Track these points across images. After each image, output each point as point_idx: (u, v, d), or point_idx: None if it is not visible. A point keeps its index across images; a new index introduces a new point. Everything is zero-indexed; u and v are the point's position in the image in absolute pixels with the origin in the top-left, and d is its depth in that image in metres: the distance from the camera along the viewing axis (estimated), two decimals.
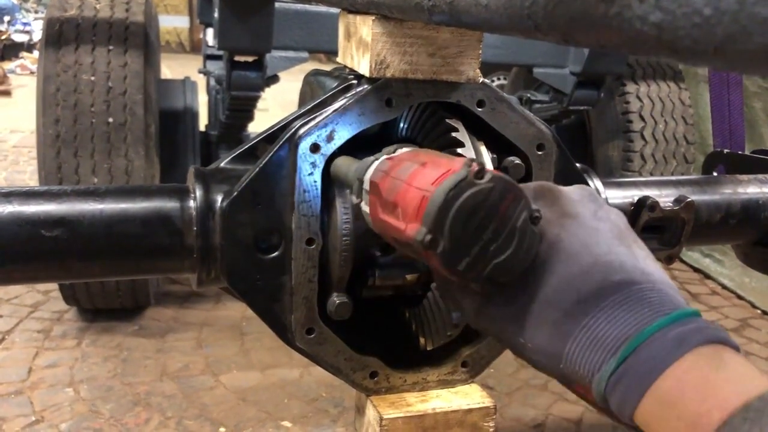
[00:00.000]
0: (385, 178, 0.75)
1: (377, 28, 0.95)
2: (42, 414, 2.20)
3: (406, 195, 0.69)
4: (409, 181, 0.69)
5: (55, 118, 2.26)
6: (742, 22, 0.34)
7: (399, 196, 0.70)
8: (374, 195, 0.77)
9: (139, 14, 2.48)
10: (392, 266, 1.08)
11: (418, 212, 0.65)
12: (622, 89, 2.93)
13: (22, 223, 0.93)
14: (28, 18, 12.49)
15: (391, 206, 0.71)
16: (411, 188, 0.68)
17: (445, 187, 0.63)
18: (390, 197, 0.72)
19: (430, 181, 0.65)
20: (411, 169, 0.71)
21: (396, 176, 0.73)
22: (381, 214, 0.74)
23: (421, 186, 0.66)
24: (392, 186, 0.72)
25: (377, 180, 0.77)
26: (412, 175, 0.69)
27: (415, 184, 0.68)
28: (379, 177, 0.76)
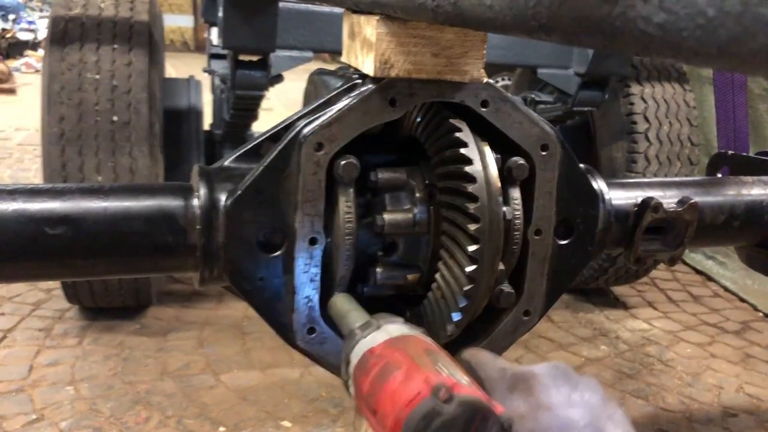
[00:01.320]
0: (365, 378, 0.79)
1: (381, 28, 0.95)
2: (42, 412, 2.20)
3: (383, 407, 0.74)
4: (385, 392, 0.74)
5: (60, 116, 2.26)
6: (745, 23, 0.34)
7: (378, 405, 0.75)
8: (357, 387, 0.82)
9: (144, 13, 2.48)
10: (393, 266, 1.08)
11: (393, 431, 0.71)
12: (627, 90, 2.92)
13: (26, 221, 0.94)
14: (33, 16, 12.52)
15: (371, 407, 0.77)
16: (386, 401, 0.74)
17: (417, 414, 0.68)
18: (370, 401, 0.77)
19: (404, 401, 0.71)
20: (387, 377, 0.76)
21: (376, 380, 0.77)
22: (363, 407, 0.79)
23: (396, 405, 0.72)
24: (372, 390, 0.77)
25: (359, 377, 0.81)
26: (389, 388, 0.74)
27: (390, 399, 0.73)
28: (361, 374, 0.81)
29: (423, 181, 1.08)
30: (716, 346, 3.00)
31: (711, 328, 3.16)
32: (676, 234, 1.28)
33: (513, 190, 1.09)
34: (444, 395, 0.68)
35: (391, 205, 1.07)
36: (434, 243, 1.07)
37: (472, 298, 1.02)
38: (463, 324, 1.06)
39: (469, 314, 1.05)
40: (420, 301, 1.11)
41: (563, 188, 1.12)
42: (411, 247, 1.08)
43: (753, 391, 2.66)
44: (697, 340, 3.03)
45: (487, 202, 1.00)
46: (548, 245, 1.13)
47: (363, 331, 0.86)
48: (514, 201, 1.08)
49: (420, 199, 1.07)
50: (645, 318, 3.23)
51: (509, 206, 1.08)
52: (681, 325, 3.18)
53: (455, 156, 1.01)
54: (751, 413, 2.50)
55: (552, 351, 2.87)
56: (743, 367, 2.83)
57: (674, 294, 3.51)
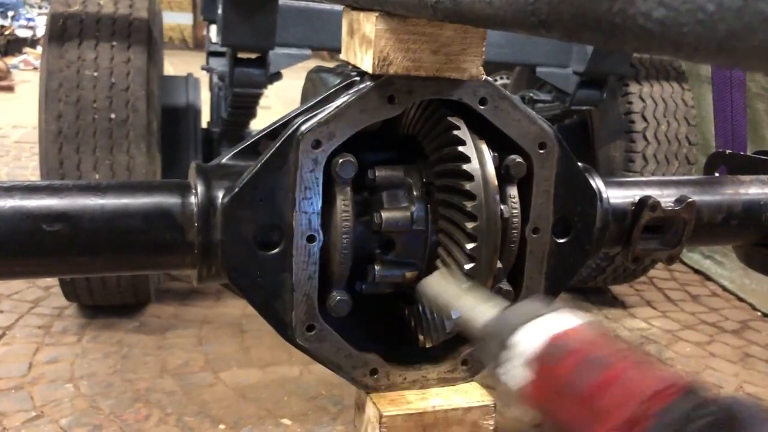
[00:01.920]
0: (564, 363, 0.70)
1: (381, 25, 0.95)
2: (42, 409, 2.20)
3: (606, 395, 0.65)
4: (609, 380, 0.66)
5: (58, 113, 2.26)
6: (745, 18, 0.34)
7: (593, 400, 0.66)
8: (543, 375, 0.72)
9: (143, 10, 2.47)
10: (391, 264, 1.08)
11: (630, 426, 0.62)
12: (625, 89, 2.92)
13: (24, 218, 0.93)
14: (32, 13, 12.51)
15: (572, 398, 0.68)
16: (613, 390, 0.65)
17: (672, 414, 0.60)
18: (575, 393, 0.68)
19: (644, 392, 0.63)
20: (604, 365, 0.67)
21: (584, 370, 0.68)
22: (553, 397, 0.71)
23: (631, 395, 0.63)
24: (579, 381, 0.68)
25: (551, 363, 0.71)
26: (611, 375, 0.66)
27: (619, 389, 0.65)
28: (553, 360, 0.71)
29: (420, 179, 1.08)
30: (715, 345, 3.00)
31: (710, 327, 3.17)
32: (673, 233, 1.28)
33: (510, 188, 1.09)
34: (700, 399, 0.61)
35: (388, 203, 1.07)
36: (432, 241, 1.07)
37: None
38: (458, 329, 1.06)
39: None
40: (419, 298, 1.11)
41: (561, 187, 1.12)
42: (409, 244, 1.08)
43: (752, 389, 2.66)
44: (696, 339, 3.04)
45: (485, 200, 1.00)
46: (546, 244, 1.13)
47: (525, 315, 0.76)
48: (511, 199, 1.08)
49: (417, 197, 1.07)
50: (644, 317, 3.23)
51: (506, 204, 1.08)
52: (680, 324, 3.18)
53: (453, 154, 1.01)
54: None
55: None
56: (742, 366, 2.83)
57: (673, 293, 3.51)
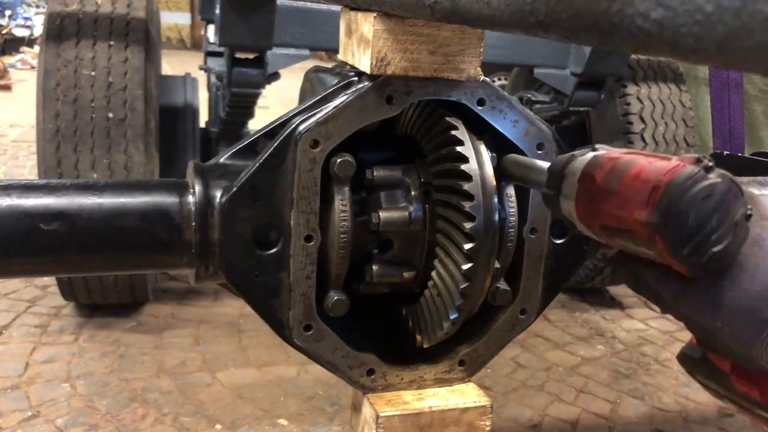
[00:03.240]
0: (602, 171, 0.80)
1: (378, 25, 0.95)
2: (38, 409, 2.20)
3: (632, 184, 0.75)
4: (636, 173, 0.75)
5: (55, 112, 2.26)
6: (744, 19, 0.34)
7: (622, 186, 0.76)
8: (586, 186, 0.81)
9: (141, 10, 2.47)
10: (389, 264, 1.08)
11: (651, 198, 0.72)
12: (623, 91, 2.93)
13: (21, 216, 0.93)
14: (30, 12, 12.48)
15: (609, 195, 0.77)
16: (638, 179, 0.74)
17: (681, 176, 0.70)
18: (610, 187, 0.77)
19: (662, 172, 0.72)
20: (634, 163, 0.77)
21: (617, 168, 0.78)
22: (595, 203, 0.80)
23: (650, 177, 0.73)
24: (612, 177, 0.78)
25: (593, 171, 0.81)
26: (639, 168, 0.75)
27: (644, 176, 0.74)
28: (595, 169, 0.81)
29: (419, 179, 1.08)
30: None
31: None
32: None
33: (508, 189, 1.09)
34: (706, 164, 0.70)
35: (386, 203, 1.07)
36: (430, 241, 1.07)
37: (468, 296, 1.02)
38: (460, 322, 1.06)
39: (466, 312, 1.05)
40: (416, 299, 1.11)
41: None
42: (407, 245, 1.08)
43: None
44: None
45: (483, 200, 1.00)
46: (544, 244, 1.13)
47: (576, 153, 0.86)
48: (509, 199, 1.09)
49: (416, 197, 1.07)
50: (641, 318, 3.23)
51: (504, 204, 1.08)
52: (677, 325, 3.18)
53: (451, 154, 1.01)
54: None
55: (548, 350, 2.87)
56: None
57: None
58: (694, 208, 0.69)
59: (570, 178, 0.84)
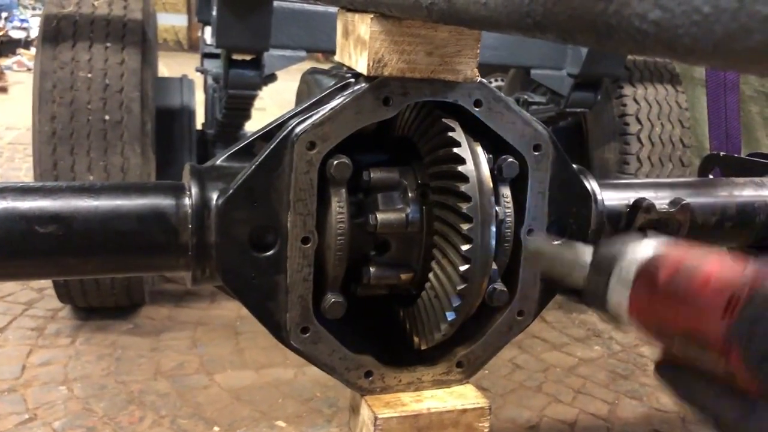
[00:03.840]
0: (665, 271, 0.76)
1: (375, 27, 0.95)
2: (35, 412, 2.19)
3: (704, 291, 0.71)
4: (707, 279, 0.72)
5: (52, 115, 2.25)
6: (741, 20, 0.34)
7: (692, 291, 0.72)
8: (646, 283, 0.78)
9: (137, 12, 2.47)
10: (386, 266, 1.08)
11: (729, 307, 0.68)
12: (619, 92, 2.93)
13: (17, 219, 0.93)
14: (26, 14, 12.48)
15: (675, 299, 0.74)
16: (710, 286, 0.71)
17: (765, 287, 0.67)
18: (676, 290, 0.74)
19: (740, 281, 0.69)
20: (703, 267, 0.74)
21: (683, 270, 0.75)
22: (656, 306, 0.77)
23: (725, 285, 0.70)
24: (678, 280, 0.74)
25: (654, 269, 0.77)
26: (710, 273, 0.72)
27: (717, 283, 0.71)
28: (657, 267, 0.77)
29: (416, 180, 1.08)
30: None
31: None
32: (668, 235, 1.28)
33: (504, 189, 1.09)
34: None
35: (383, 205, 1.07)
36: (427, 242, 1.07)
37: (465, 297, 1.02)
38: (458, 323, 1.06)
39: (463, 313, 1.05)
40: (413, 300, 1.11)
41: (556, 188, 1.12)
42: (404, 246, 1.08)
43: None
44: None
45: (480, 201, 1.00)
46: None
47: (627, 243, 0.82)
48: (505, 199, 1.08)
49: (413, 199, 1.07)
50: None
51: (500, 205, 1.08)
52: None
53: (448, 155, 1.01)
54: None
55: (546, 351, 2.87)
56: None
57: None
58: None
59: (623, 270, 0.80)
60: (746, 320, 0.67)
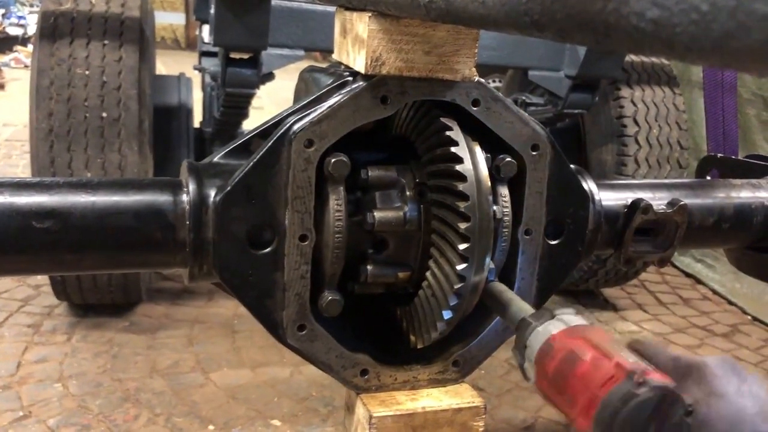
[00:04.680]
0: (552, 362, 0.85)
1: (373, 25, 0.95)
2: (30, 409, 2.19)
3: (574, 388, 0.80)
4: (576, 375, 0.80)
5: (49, 111, 2.25)
6: (739, 18, 0.34)
7: (568, 386, 0.81)
8: (540, 370, 0.87)
9: (135, 9, 2.46)
10: (384, 264, 1.08)
11: (586, 411, 0.77)
12: (617, 93, 2.93)
13: (13, 214, 0.93)
14: (23, 11, 12.44)
15: (558, 388, 0.83)
16: (580, 383, 0.80)
17: (614, 395, 0.75)
18: (558, 381, 0.83)
19: (598, 383, 0.77)
20: (576, 360, 0.82)
21: (563, 364, 0.83)
22: (547, 390, 0.86)
23: (589, 385, 0.78)
24: (560, 372, 0.83)
25: (544, 360, 0.87)
26: (581, 370, 0.80)
27: (585, 381, 0.79)
28: (546, 358, 0.87)
29: (413, 179, 1.08)
30: (705, 348, 3.01)
31: (700, 331, 3.18)
32: (665, 235, 1.28)
33: (502, 188, 1.09)
34: (638, 379, 0.74)
35: (381, 203, 1.07)
36: (425, 241, 1.07)
37: (462, 296, 1.02)
38: (454, 322, 1.06)
39: (460, 312, 1.05)
40: (410, 299, 1.11)
41: (553, 188, 1.12)
42: (401, 245, 1.08)
43: None
44: (686, 343, 3.05)
45: (477, 200, 1.00)
46: (538, 245, 1.13)
47: (538, 320, 0.90)
48: (502, 199, 1.09)
49: (410, 198, 1.07)
50: (635, 320, 3.24)
51: (498, 205, 1.08)
52: (670, 327, 3.19)
53: (446, 155, 1.01)
54: None
55: None
56: None
57: (664, 296, 3.53)
58: (628, 425, 0.73)
59: (529, 352, 0.89)
60: (598, 424, 0.75)
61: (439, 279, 1.04)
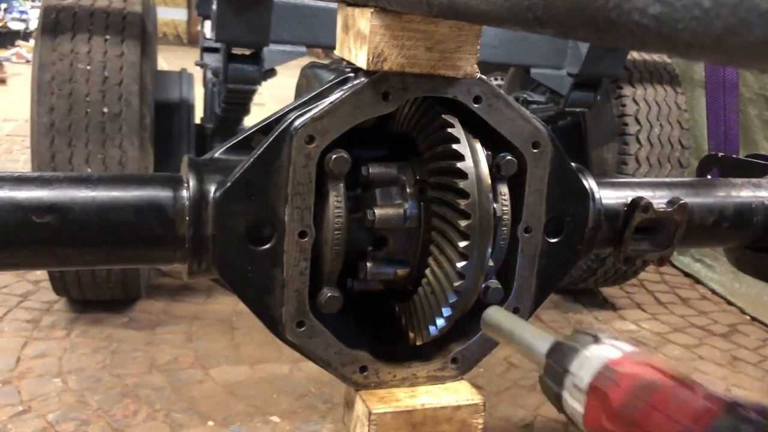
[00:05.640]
0: (617, 390, 0.74)
1: (375, 21, 0.95)
2: (29, 404, 2.19)
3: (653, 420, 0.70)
4: (656, 406, 0.71)
5: (50, 106, 2.25)
6: (741, 14, 0.34)
7: (642, 419, 0.71)
8: (598, 400, 0.76)
9: (137, 4, 2.46)
10: (383, 261, 1.08)
11: None
12: (619, 92, 2.93)
13: (13, 209, 0.93)
14: (25, 6, 12.44)
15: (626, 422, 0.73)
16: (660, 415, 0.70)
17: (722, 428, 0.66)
18: (626, 413, 0.73)
19: (692, 416, 0.68)
20: (652, 390, 0.72)
21: (633, 392, 0.73)
22: (608, 424, 0.75)
23: (676, 418, 0.69)
24: (630, 403, 0.73)
25: (605, 388, 0.76)
26: (659, 400, 0.71)
27: (666, 412, 0.70)
28: (607, 385, 0.76)
29: (414, 176, 1.08)
30: (704, 348, 3.01)
31: (699, 331, 3.18)
32: (665, 234, 1.28)
33: (502, 187, 1.09)
34: (743, 414, 0.67)
35: (381, 200, 1.07)
36: (424, 238, 1.07)
37: (461, 293, 1.02)
38: (453, 320, 1.06)
39: (459, 310, 1.05)
40: (410, 296, 1.11)
41: (554, 186, 1.12)
42: (401, 242, 1.08)
43: (740, 393, 2.67)
44: (685, 342, 3.05)
45: (478, 198, 1.00)
46: (538, 243, 1.13)
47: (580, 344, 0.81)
48: (502, 197, 1.08)
49: (411, 195, 1.06)
50: (633, 319, 3.24)
51: (498, 202, 1.08)
52: (669, 327, 3.19)
53: (447, 152, 1.01)
54: None
55: None
56: (730, 370, 2.84)
57: (662, 296, 3.52)
58: None
59: (575, 379, 0.78)
60: None
61: (438, 276, 1.04)
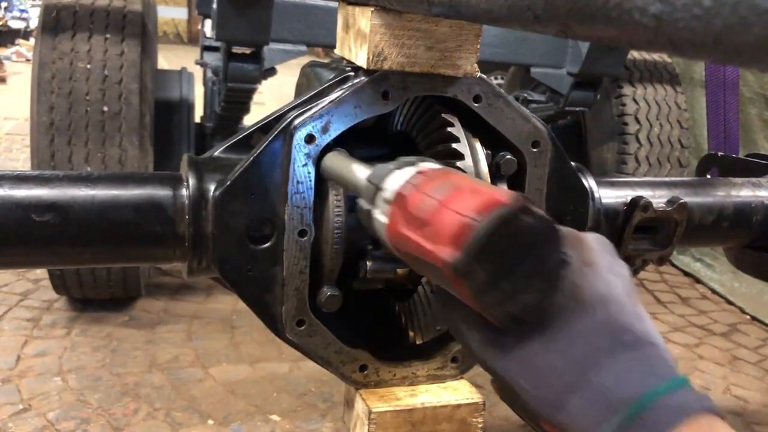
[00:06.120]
0: (416, 194, 0.71)
1: (376, 20, 0.95)
2: (30, 402, 2.19)
3: (440, 216, 0.66)
4: (446, 203, 0.66)
5: (50, 105, 2.25)
6: (741, 13, 0.34)
7: (432, 216, 0.67)
8: (398, 207, 0.73)
9: (137, 3, 2.46)
10: (383, 259, 1.08)
11: (457, 237, 0.63)
12: (619, 91, 2.93)
13: (13, 207, 0.93)
14: (26, 5, 12.44)
15: (418, 223, 0.69)
16: (448, 211, 0.65)
17: (493, 217, 0.61)
18: (419, 214, 0.69)
19: (473, 207, 0.63)
20: (448, 190, 0.68)
21: (429, 193, 0.69)
22: (403, 229, 0.71)
23: (461, 211, 0.64)
24: (424, 203, 0.69)
25: (406, 193, 0.72)
26: (451, 198, 0.67)
27: (454, 207, 0.65)
28: (409, 190, 0.72)
29: None
30: (704, 347, 3.02)
31: (699, 330, 3.18)
32: (665, 234, 1.28)
33: (501, 185, 1.09)
34: (523, 205, 0.62)
35: None
36: None
37: None
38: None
39: None
40: (410, 294, 1.11)
41: (554, 186, 1.12)
42: None
43: (740, 392, 2.67)
44: (685, 342, 3.05)
45: None
46: None
47: (398, 166, 0.77)
48: None
49: None
50: None
51: None
52: (669, 326, 3.19)
53: (446, 151, 1.01)
54: (737, 414, 2.51)
55: None
56: (730, 369, 2.84)
57: (662, 295, 3.53)
58: (503, 253, 0.62)
59: (386, 193, 0.75)
60: (468, 250, 0.62)
61: None
